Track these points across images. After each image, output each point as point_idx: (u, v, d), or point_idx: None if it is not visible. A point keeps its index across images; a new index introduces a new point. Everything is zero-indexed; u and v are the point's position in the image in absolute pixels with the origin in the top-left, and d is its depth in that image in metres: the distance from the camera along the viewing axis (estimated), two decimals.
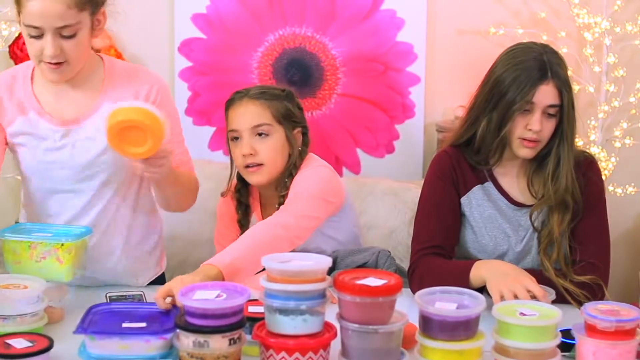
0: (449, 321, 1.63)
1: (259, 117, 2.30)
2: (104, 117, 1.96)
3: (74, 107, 2.15)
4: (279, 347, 1.62)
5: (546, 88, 2.12)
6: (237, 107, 2.32)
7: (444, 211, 2.24)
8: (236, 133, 2.31)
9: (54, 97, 2.16)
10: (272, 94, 2.34)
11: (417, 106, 3.33)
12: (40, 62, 2.07)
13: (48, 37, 2.02)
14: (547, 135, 2.16)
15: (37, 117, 2.14)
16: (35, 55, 2.06)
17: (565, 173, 2.17)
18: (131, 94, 2.15)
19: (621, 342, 1.65)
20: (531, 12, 3.29)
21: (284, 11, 3.28)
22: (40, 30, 2.02)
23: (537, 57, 2.15)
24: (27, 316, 1.80)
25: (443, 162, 2.28)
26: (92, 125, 2.14)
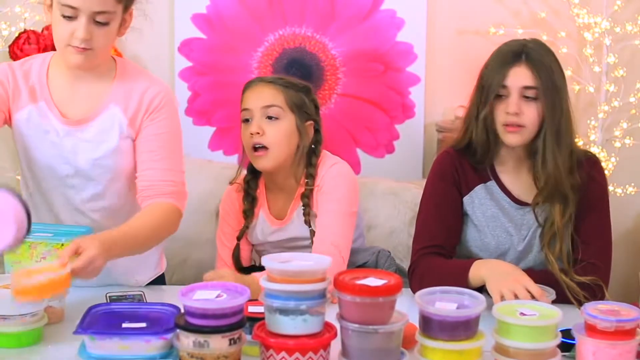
0: (449, 321, 1.63)
1: (271, 99, 2.32)
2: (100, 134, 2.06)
3: (82, 107, 2.14)
4: (279, 347, 1.62)
5: (518, 69, 2.14)
6: (252, 88, 2.35)
7: (445, 211, 2.24)
8: (248, 113, 2.32)
9: (65, 91, 2.15)
10: (289, 82, 2.37)
11: (417, 106, 3.33)
12: (66, 46, 2.05)
13: (82, 20, 2.01)
14: (530, 119, 2.14)
15: (46, 108, 2.14)
16: (63, 38, 2.05)
17: (553, 160, 2.16)
18: (136, 100, 2.15)
19: (621, 342, 1.65)
20: (531, 12, 3.29)
21: (284, 11, 3.28)
22: (76, 12, 2.01)
23: (516, 44, 2.19)
24: (27, 316, 1.80)
25: (445, 163, 2.28)
26: (95, 128, 2.14)
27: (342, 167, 2.36)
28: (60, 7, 2.01)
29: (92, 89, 2.15)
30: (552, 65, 2.17)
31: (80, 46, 2.04)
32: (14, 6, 3.16)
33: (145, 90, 2.15)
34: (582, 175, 2.19)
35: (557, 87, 2.15)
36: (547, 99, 2.13)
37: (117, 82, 2.16)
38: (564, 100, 2.16)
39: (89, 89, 2.15)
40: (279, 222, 2.37)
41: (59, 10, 2.02)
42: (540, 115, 2.14)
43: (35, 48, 3.05)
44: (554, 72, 2.16)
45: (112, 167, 2.16)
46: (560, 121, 2.15)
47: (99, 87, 2.15)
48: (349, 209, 2.30)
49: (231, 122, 3.27)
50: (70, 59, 2.07)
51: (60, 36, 2.05)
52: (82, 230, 2.03)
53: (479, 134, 2.20)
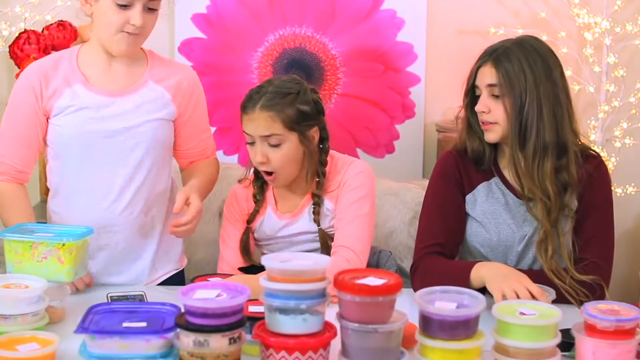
0: (449, 320, 1.63)
1: (269, 128, 2.28)
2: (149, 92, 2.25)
3: (121, 80, 2.27)
4: (279, 346, 1.63)
5: (484, 69, 2.20)
6: (249, 114, 2.30)
7: (447, 211, 2.25)
8: (250, 138, 2.31)
9: (101, 71, 2.26)
10: (284, 102, 2.29)
11: (417, 106, 3.33)
12: (118, 32, 2.18)
13: (138, 8, 2.16)
14: (501, 117, 2.18)
15: (83, 88, 2.24)
16: (117, 25, 2.17)
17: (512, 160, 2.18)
18: (174, 80, 2.32)
19: (621, 342, 1.65)
20: (531, 12, 3.30)
21: (284, 11, 3.28)
22: (132, 0, 2.15)
23: (495, 45, 2.22)
24: (28, 316, 1.81)
25: (448, 162, 2.30)
26: (136, 98, 2.26)
27: (360, 165, 2.40)
28: None
29: (129, 68, 2.28)
30: (525, 62, 2.17)
31: (134, 32, 2.18)
32: (14, 6, 3.16)
33: (181, 75, 2.34)
34: (582, 173, 2.19)
35: (525, 85, 2.16)
36: (512, 97, 2.16)
37: (150, 64, 2.31)
38: (536, 98, 2.15)
39: (126, 69, 2.28)
40: (289, 215, 2.37)
41: (111, 1, 2.15)
42: (509, 111, 2.17)
43: (35, 48, 3.06)
44: (523, 68, 2.16)
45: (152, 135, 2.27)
46: (527, 120, 2.16)
47: (134, 67, 2.29)
48: (371, 209, 2.33)
49: (231, 122, 3.27)
50: (121, 45, 2.21)
51: (113, 23, 2.17)
52: (84, 230, 2.03)
53: (468, 138, 2.24)
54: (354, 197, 2.32)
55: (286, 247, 2.38)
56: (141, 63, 2.30)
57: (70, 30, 3.13)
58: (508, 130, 2.18)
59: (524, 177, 2.17)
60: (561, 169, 2.18)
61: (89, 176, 2.25)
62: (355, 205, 2.31)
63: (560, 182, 2.18)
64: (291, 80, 2.36)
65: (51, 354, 1.67)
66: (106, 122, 2.23)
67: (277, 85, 2.32)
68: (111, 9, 2.16)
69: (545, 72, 2.18)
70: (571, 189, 2.19)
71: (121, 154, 2.25)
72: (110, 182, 2.26)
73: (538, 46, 2.21)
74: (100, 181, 2.25)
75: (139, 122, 2.25)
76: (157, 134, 2.28)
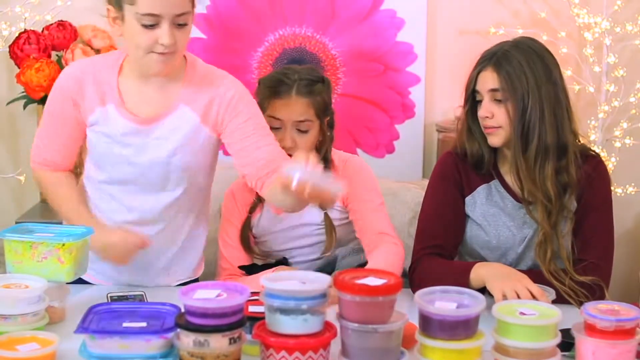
0: (449, 320, 1.63)
1: (304, 114, 2.32)
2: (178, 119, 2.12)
3: (152, 103, 2.15)
4: (279, 346, 1.63)
5: (485, 74, 2.19)
6: (284, 99, 2.31)
7: (446, 211, 2.25)
8: (278, 123, 2.31)
9: (137, 94, 2.16)
10: (316, 90, 2.34)
11: (417, 106, 3.33)
12: (149, 53, 2.06)
13: (165, 26, 2.02)
14: (504, 121, 2.17)
15: (115, 111, 2.14)
16: (146, 46, 2.04)
17: (517, 163, 2.18)
18: (207, 99, 2.16)
19: (621, 342, 1.65)
20: (531, 12, 3.30)
21: (284, 11, 3.28)
22: (157, 19, 2.01)
23: (493, 48, 2.21)
24: (28, 316, 1.81)
25: (447, 163, 2.30)
26: (164, 126, 2.15)
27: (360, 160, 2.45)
28: (140, 17, 2.01)
29: (162, 90, 2.16)
30: (525, 63, 2.17)
31: (165, 52, 2.04)
32: (14, 6, 3.16)
33: (215, 87, 2.17)
34: (581, 174, 2.19)
35: (527, 87, 2.15)
36: (514, 101, 2.15)
37: (186, 82, 2.17)
38: (538, 100, 2.15)
39: (159, 91, 2.16)
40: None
41: (136, 20, 2.02)
42: (512, 115, 2.16)
43: (35, 48, 3.06)
44: (524, 70, 2.16)
45: (181, 164, 2.17)
46: (529, 122, 2.16)
47: (168, 88, 2.16)
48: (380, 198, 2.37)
49: None
50: (153, 67, 2.08)
51: (144, 45, 2.04)
52: (84, 230, 2.03)
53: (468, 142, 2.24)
54: (365, 189, 2.35)
55: (286, 242, 2.38)
56: (177, 81, 2.16)
57: (70, 30, 3.13)
58: (511, 133, 2.17)
59: (525, 180, 2.17)
60: (561, 170, 2.18)
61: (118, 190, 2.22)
62: (369, 195, 2.35)
63: (560, 184, 2.18)
64: (313, 69, 2.42)
65: (51, 354, 1.68)
66: (133, 151, 2.15)
67: (306, 73, 2.36)
68: (137, 30, 2.04)
69: (545, 73, 2.18)
70: (570, 190, 2.19)
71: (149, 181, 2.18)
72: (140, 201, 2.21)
73: (536, 47, 2.21)
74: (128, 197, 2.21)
75: (165, 154, 2.15)
76: (187, 160, 2.16)
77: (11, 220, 3.04)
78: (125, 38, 2.10)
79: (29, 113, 3.23)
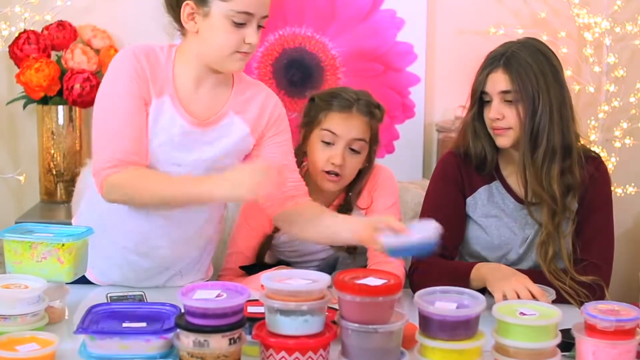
0: (449, 321, 1.63)
1: (362, 133, 2.31)
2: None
3: (204, 105, 2.11)
4: (279, 346, 1.63)
5: (495, 75, 2.17)
6: (344, 112, 2.29)
7: (446, 211, 2.25)
8: (333, 138, 2.29)
9: (189, 90, 2.10)
10: (375, 113, 2.34)
11: (417, 106, 3.33)
12: (233, 53, 2.03)
13: (253, 26, 2.03)
14: (514, 122, 2.17)
15: (170, 105, 2.07)
16: (231, 45, 2.02)
17: (525, 164, 2.17)
18: (257, 107, 2.16)
19: (621, 342, 1.65)
20: (531, 12, 3.29)
21: (284, 11, 3.28)
22: (249, 18, 2.02)
23: (501, 49, 2.20)
24: (27, 316, 1.80)
25: (449, 163, 2.30)
26: (215, 131, 2.12)
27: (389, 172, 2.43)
28: (234, 14, 2.00)
29: (213, 92, 2.13)
30: (534, 64, 2.16)
31: (249, 51, 2.05)
32: (14, 6, 3.16)
33: (264, 100, 2.17)
34: (584, 175, 2.19)
35: (537, 88, 2.15)
36: (525, 102, 2.14)
37: (235, 88, 2.16)
38: (547, 100, 2.15)
39: (211, 92, 2.12)
40: None
41: (226, 18, 2.00)
42: (522, 116, 2.15)
43: (35, 48, 3.05)
44: (534, 71, 2.16)
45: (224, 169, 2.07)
46: (539, 123, 2.15)
47: (218, 91, 2.14)
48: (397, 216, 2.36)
49: None
50: (234, 65, 2.07)
51: (228, 44, 2.02)
52: (83, 230, 2.03)
53: (472, 144, 2.23)
54: (387, 203, 2.36)
55: (303, 255, 2.39)
56: (227, 87, 2.15)
57: (70, 30, 3.13)
58: (520, 134, 2.17)
59: (532, 181, 2.16)
60: (565, 171, 2.18)
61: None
62: (389, 211, 2.34)
63: (564, 185, 2.18)
64: (369, 93, 2.39)
65: (51, 354, 1.67)
66: (180, 151, 2.09)
67: (364, 94, 2.35)
68: (225, 28, 2.01)
69: (552, 74, 2.18)
70: (573, 191, 2.19)
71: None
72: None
73: (542, 48, 2.21)
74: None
75: (212, 156, 2.11)
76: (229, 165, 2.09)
77: (11, 220, 3.04)
78: (205, 35, 2.03)
79: (28, 113, 3.23)
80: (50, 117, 3.12)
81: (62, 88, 3.06)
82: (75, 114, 3.14)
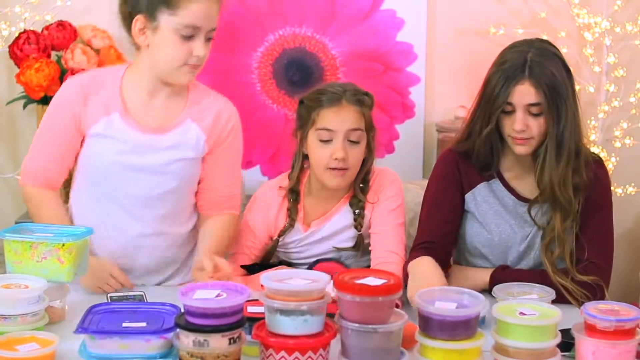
0: (449, 321, 1.63)
1: (357, 122, 2.30)
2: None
3: (158, 115, 2.21)
4: (278, 346, 1.63)
5: (522, 88, 2.12)
6: (335, 107, 2.29)
7: (441, 210, 2.26)
8: (330, 134, 2.28)
9: (141, 102, 2.21)
10: (365, 101, 2.33)
11: (417, 106, 3.33)
12: (182, 65, 2.12)
13: (201, 38, 2.11)
14: (537, 132, 2.15)
15: (119, 119, 2.18)
16: (180, 57, 2.11)
17: (549, 172, 2.16)
18: (213, 115, 2.24)
19: (621, 342, 1.66)
20: (531, 12, 3.29)
21: (284, 11, 3.28)
22: (196, 31, 2.10)
23: (519, 57, 2.15)
24: (27, 316, 1.81)
25: (447, 161, 2.30)
26: (171, 137, 2.21)
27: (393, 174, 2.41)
28: (181, 28, 2.08)
29: (168, 102, 2.22)
30: (557, 72, 2.14)
31: (197, 63, 2.12)
32: (14, 6, 3.16)
33: (219, 110, 2.26)
34: (590, 175, 2.20)
35: (562, 97, 2.14)
36: (552, 112, 2.14)
37: (190, 98, 2.24)
38: (569, 106, 2.15)
39: (165, 102, 2.22)
40: (316, 222, 2.36)
41: (174, 32, 2.09)
42: (547, 125, 2.15)
43: (35, 48, 3.05)
44: (558, 80, 2.13)
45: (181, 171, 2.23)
46: (563, 130, 2.15)
47: (174, 101, 2.23)
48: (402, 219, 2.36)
49: None
50: (183, 78, 2.16)
51: (177, 56, 2.11)
52: (83, 230, 2.03)
53: (481, 146, 2.21)
54: (391, 205, 2.34)
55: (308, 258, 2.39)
56: (182, 97, 2.24)
57: (70, 30, 3.12)
58: (540, 142, 2.16)
59: (549, 184, 2.16)
60: (574, 172, 2.18)
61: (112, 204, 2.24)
62: (394, 213, 2.33)
63: (573, 186, 2.18)
64: (354, 83, 2.39)
65: (51, 354, 1.68)
66: (136, 158, 2.20)
67: (350, 85, 2.36)
68: (173, 41, 2.10)
69: (569, 79, 2.18)
70: (579, 192, 2.19)
71: (146, 188, 2.23)
72: (134, 213, 2.25)
73: (557, 52, 2.20)
74: (122, 212, 2.25)
75: (170, 160, 2.22)
76: (185, 172, 2.24)
77: (11, 220, 3.04)
78: (155, 49, 2.13)
79: (28, 113, 3.23)
80: None
81: None
82: None
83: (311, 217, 2.37)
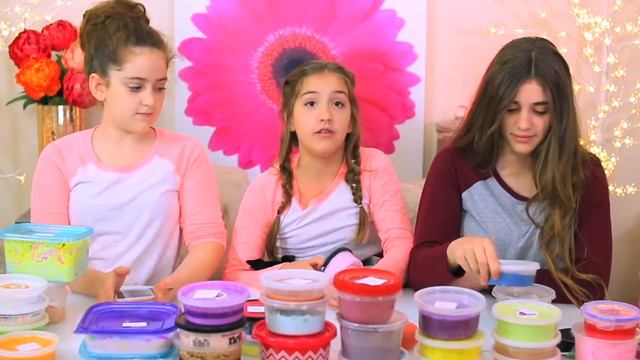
0: (449, 320, 1.63)
1: (341, 85, 2.39)
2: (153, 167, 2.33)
3: (129, 156, 2.35)
4: (278, 346, 1.63)
5: (529, 87, 2.12)
6: (318, 73, 2.38)
7: (440, 209, 2.27)
8: (314, 96, 2.36)
9: (112, 149, 2.35)
10: (347, 73, 2.44)
11: (417, 106, 3.33)
12: (134, 115, 2.26)
13: (148, 89, 2.25)
14: (540, 130, 2.16)
15: (95, 167, 2.33)
16: (131, 108, 2.26)
17: (551, 169, 2.17)
18: (178, 152, 2.37)
19: (621, 342, 1.66)
20: (531, 12, 3.30)
21: (284, 11, 3.28)
22: (143, 82, 2.24)
23: (523, 55, 2.14)
24: (28, 316, 1.81)
25: (444, 160, 2.30)
26: (142, 172, 2.33)
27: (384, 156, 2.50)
28: (127, 80, 2.24)
29: (137, 144, 2.36)
30: (560, 71, 2.15)
31: (148, 112, 2.26)
32: (14, 6, 3.16)
33: (184, 145, 2.39)
34: (587, 174, 2.20)
35: (565, 95, 2.14)
36: (556, 110, 2.14)
37: (157, 140, 2.39)
38: (571, 104, 2.16)
39: (134, 144, 2.36)
40: (314, 200, 2.40)
41: (123, 85, 2.25)
42: (550, 124, 2.15)
43: (35, 48, 3.06)
44: (562, 78, 2.14)
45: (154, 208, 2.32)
46: (566, 128, 2.16)
47: (143, 143, 2.37)
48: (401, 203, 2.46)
49: (231, 122, 3.28)
50: (138, 126, 2.29)
51: (128, 107, 2.26)
52: (83, 230, 2.03)
53: (482, 143, 2.21)
54: (390, 188, 2.43)
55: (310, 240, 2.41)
56: (150, 139, 2.38)
57: (70, 30, 3.13)
58: (542, 140, 2.17)
59: (550, 182, 2.16)
60: (572, 171, 2.19)
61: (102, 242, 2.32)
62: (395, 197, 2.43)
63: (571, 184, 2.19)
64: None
65: (51, 354, 1.68)
66: (114, 196, 2.31)
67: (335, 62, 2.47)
68: (123, 93, 2.25)
69: (569, 77, 2.18)
70: (577, 190, 2.19)
71: (127, 224, 2.31)
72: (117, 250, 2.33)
73: (556, 50, 2.20)
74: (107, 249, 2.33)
75: (144, 195, 2.32)
76: (161, 205, 2.33)
77: (11, 220, 3.05)
78: (110, 102, 2.29)
79: (29, 113, 3.23)
80: (50, 117, 3.12)
81: (62, 88, 3.06)
82: (75, 114, 3.14)
83: (307, 197, 2.42)
